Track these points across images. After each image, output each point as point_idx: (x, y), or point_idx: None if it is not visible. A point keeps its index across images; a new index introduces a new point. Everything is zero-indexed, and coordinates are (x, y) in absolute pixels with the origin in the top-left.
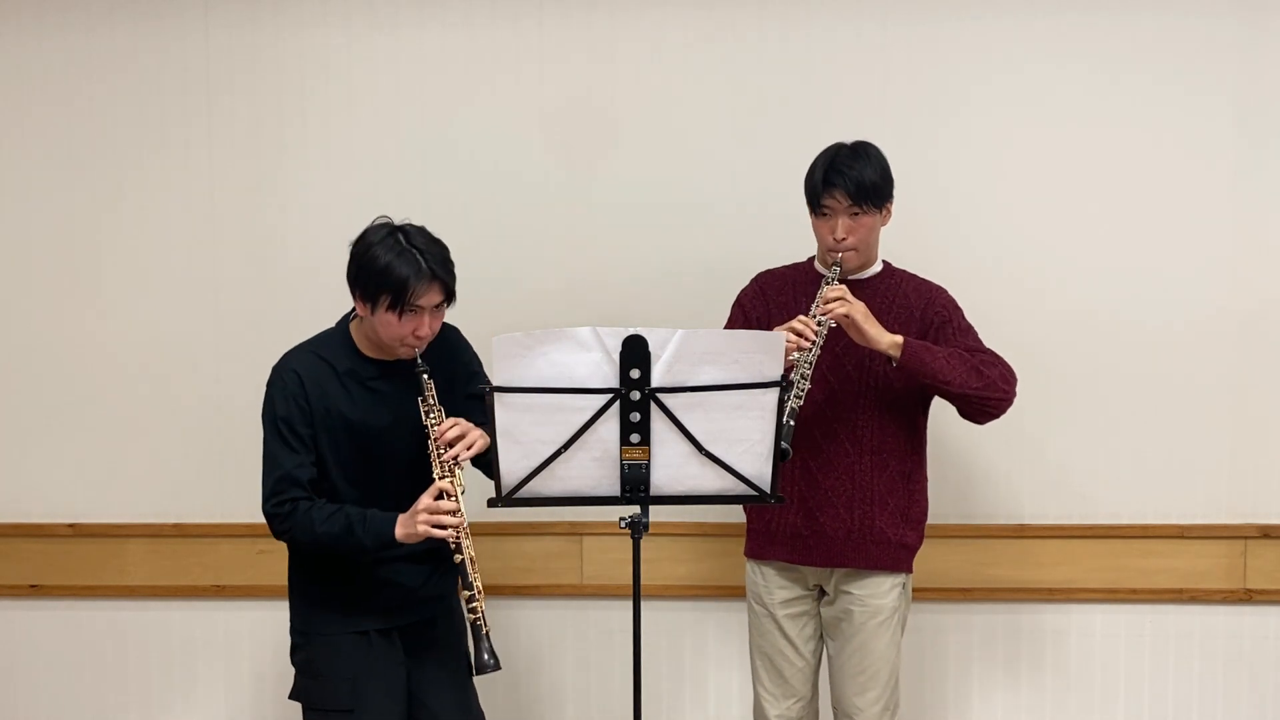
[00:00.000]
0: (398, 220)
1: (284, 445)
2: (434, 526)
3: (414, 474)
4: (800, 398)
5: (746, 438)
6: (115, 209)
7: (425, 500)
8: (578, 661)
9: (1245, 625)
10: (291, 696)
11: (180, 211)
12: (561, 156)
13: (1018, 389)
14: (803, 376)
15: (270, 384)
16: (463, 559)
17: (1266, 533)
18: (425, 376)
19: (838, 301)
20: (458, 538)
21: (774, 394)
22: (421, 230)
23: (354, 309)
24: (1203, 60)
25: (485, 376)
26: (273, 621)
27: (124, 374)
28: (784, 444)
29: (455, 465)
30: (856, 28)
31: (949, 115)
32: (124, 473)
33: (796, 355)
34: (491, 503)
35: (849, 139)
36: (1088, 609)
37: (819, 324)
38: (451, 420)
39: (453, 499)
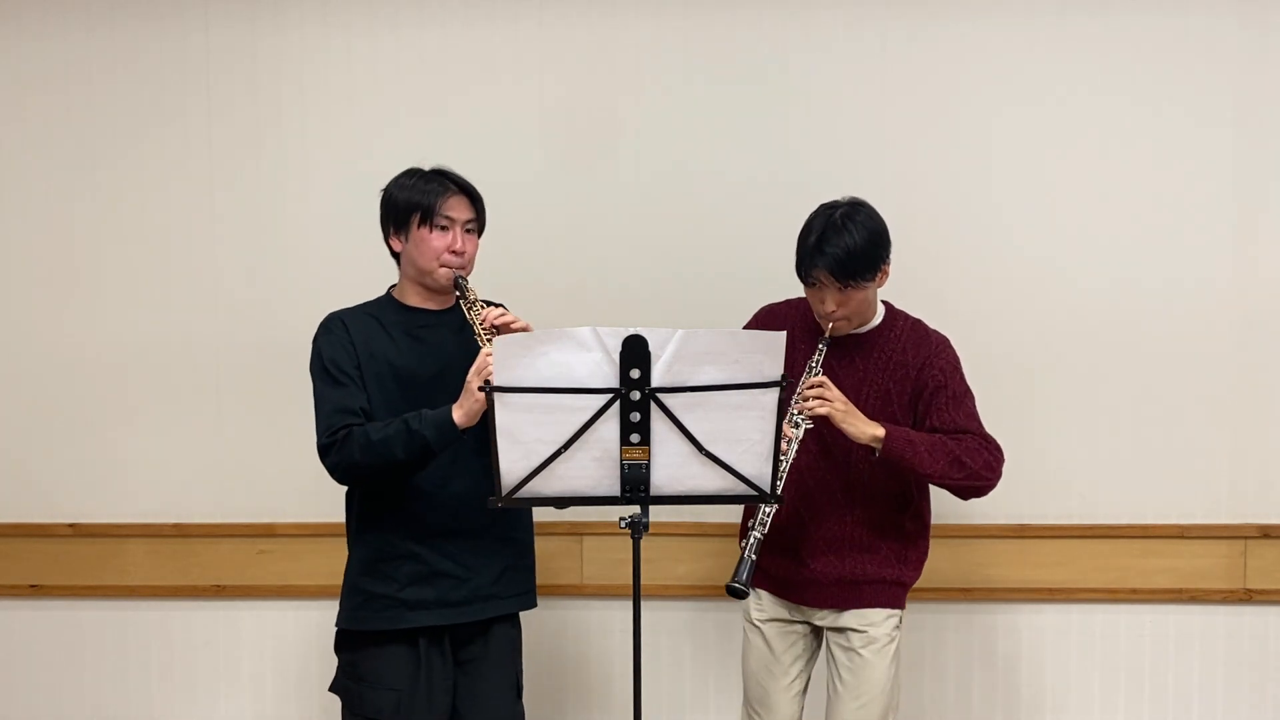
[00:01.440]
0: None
1: (333, 383)
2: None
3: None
4: (767, 520)
5: (746, 438)
6: (115, 208)
7: (474, 366)
8: (578, 661)
9: (1245, 625)
10: (332, 689)
11: (180, 210)
12: (562, 156)
13: (1003, 470)
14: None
15: (315, 338)
16: None
17: (1266, 533)
18: (460, 278)
19: (816, 401)
20: None
21: (774, 394)
22: (445, 167)
23: (391, 287)
24: (1203, 60)
25: None
26: (273, 621)
27: (124, 374)
28: (739, 583)
29: None
30: (857, 27)
31: (948, 115)
32: (124, 473)
33: None
34: (491, 503)
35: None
36: (1088, 609)
37: (796, 425)
38: (492, 306)
39: None
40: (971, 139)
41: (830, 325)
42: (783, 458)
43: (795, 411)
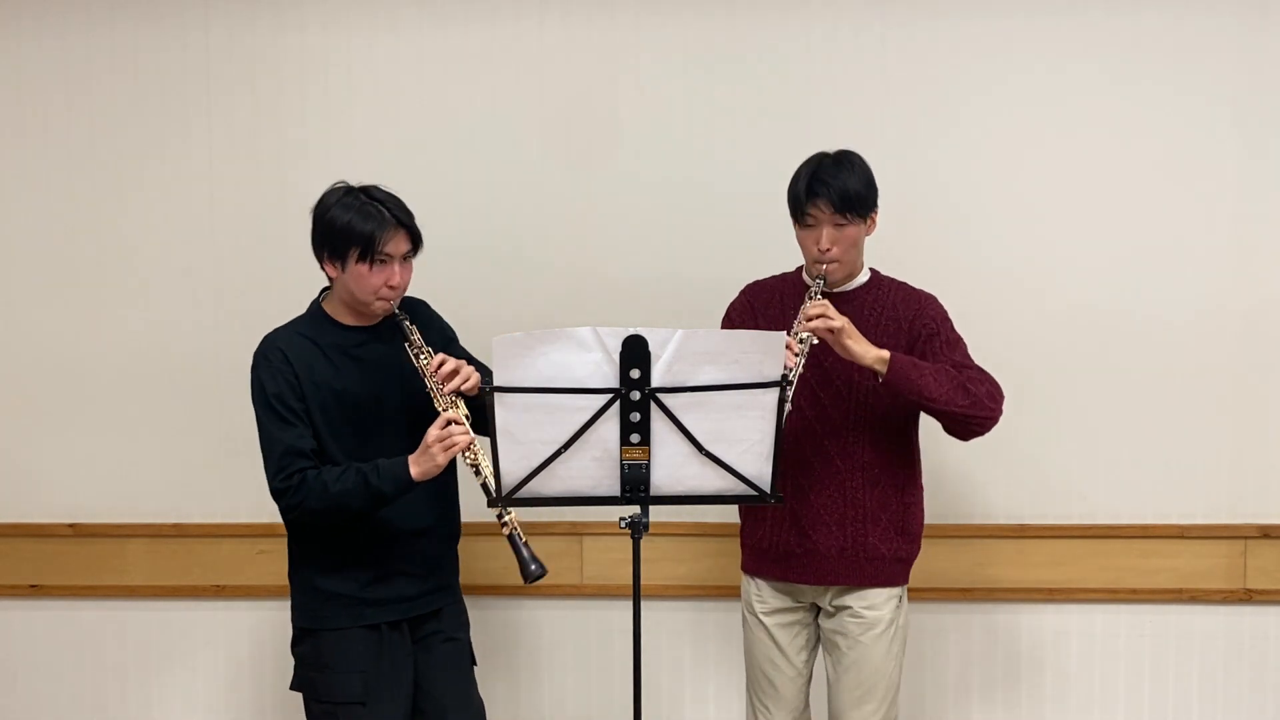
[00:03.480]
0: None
1: (281, 421)
2: (449, 449)
3: (410, 442)
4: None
5: (746, 437)
6: (115, 209)
7: (434, 432)
8: (578, 661)
9: (1245, 625)
10: (294, 687)
11: (180, 211)
12: (562, 156)
13: (1004, 407)
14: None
15: (255, 366)
16: (484, 478)
17: (1266, 533)
18: (407, 322)
19: (820, 318)
20: (476, 459)
21: (774, 394)
22: (377, 187)
23: (321, 291)
24: (1203, 60)
25: (461, 346)
26: (272, 621)
27: (124, 374)
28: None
29: (457, 398)
30: (857, 27)
31: (949, 115)
32: (124, 473)
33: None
34: (491, 503)
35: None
36: (1088, 609)
37: (801, 341)
38: (441, 356)
39: (460, 425)
40: (971, 139)
41: (824, 269)
42: (793, 366)
43: (800, 330)
